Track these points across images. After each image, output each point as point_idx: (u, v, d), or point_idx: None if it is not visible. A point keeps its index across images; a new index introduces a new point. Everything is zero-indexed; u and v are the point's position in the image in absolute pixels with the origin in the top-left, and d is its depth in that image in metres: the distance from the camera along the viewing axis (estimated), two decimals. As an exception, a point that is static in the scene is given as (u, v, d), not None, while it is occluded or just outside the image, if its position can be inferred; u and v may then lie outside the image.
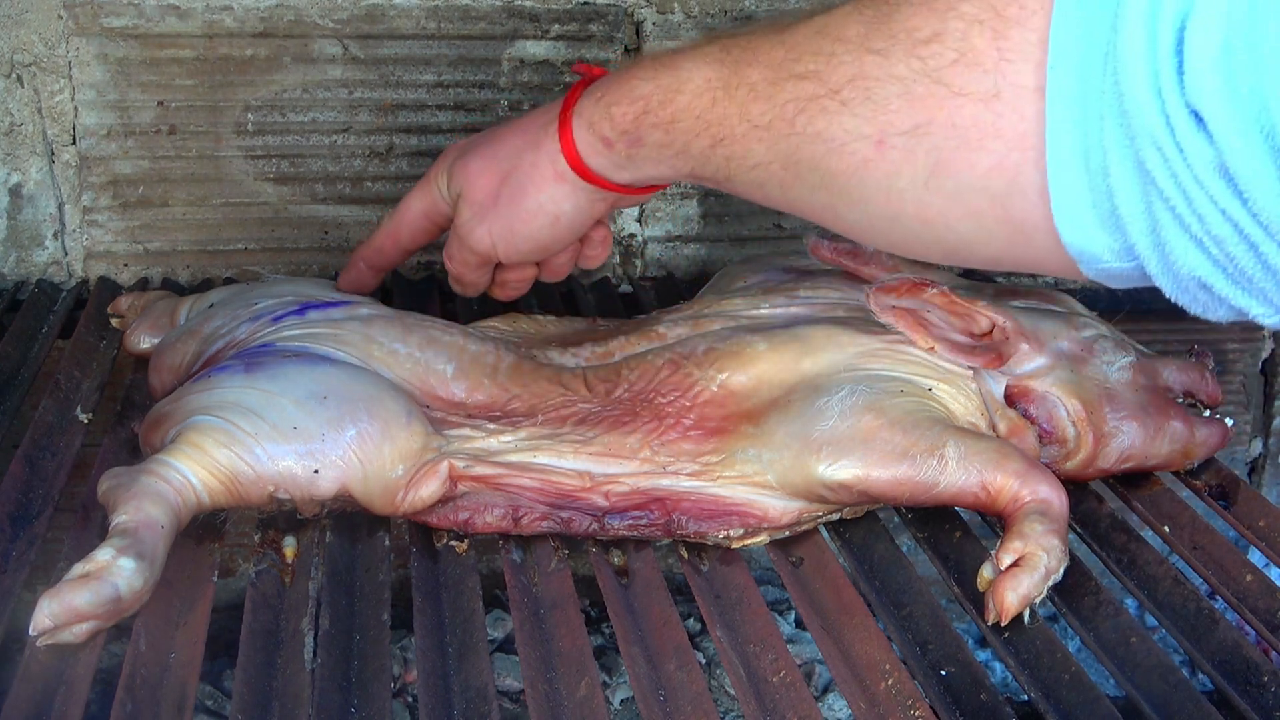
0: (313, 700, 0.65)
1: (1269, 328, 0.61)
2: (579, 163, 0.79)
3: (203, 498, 0.74)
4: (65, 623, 0.65)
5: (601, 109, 0.76)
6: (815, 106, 0.65)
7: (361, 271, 0.95)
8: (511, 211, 0.83)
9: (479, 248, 0.86)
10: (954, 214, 0.63)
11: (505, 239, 0.84)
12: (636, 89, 0.74)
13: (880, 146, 0.63)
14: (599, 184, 0.80)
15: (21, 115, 1.12)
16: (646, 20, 1.18)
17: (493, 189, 0.84)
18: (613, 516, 0.79)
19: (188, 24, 1.12)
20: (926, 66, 0.60)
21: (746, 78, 0.69)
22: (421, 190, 0.89)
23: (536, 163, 0.81)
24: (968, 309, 0.84)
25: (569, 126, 0.79)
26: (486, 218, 0.84)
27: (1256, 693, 0.69)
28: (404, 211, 0.91)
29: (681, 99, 0.72)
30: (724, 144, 0.70)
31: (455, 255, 0.88)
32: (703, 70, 0.71)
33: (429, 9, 1.15)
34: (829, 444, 0.78)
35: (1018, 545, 0.73)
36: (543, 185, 0.81)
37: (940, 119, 0.60)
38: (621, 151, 0.77)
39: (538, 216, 0.82)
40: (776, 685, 0.68)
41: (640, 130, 0.75)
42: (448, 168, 0.87)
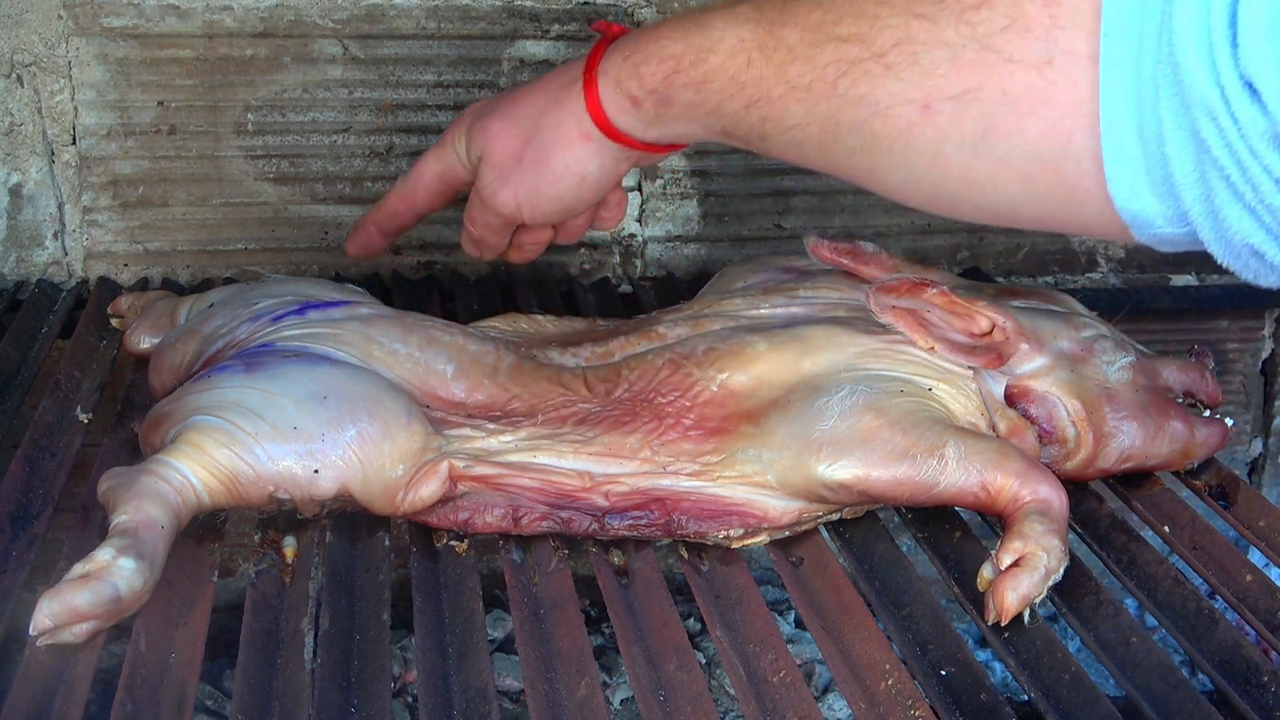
0: (313, 700, 0.65)
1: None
2: (605, 121, 0.78)
3: (203, 498, 0.74)
4: (65, 623, 0.65)
5: (629, 68, 0.76)
6: (858, 70, 0.64)
7: (372, 235, 0.94)
8: (537, 172, 0.82)
9: (504, 210, 0.85)
10: (1003, 178, 0.63)
11: (531, 200, 0.84)
12: (666, 48, 0.74)
13: (927, 111, 0.63)
14: (625, 142, 0.79)
15: (21, 115, 1.12)
16: (646, 20, 1.18)
17: (516, 150, 0.83)
18: (613, 516, 0.79)
19: (188, 24, 1.12)
20: (976, 32, 0.60)
21: (784, 39, 0.68)
22: (437, 153, 0.88)
23: (561, 122, 0.80)
24: (968, 309, 0.84)
25: (594, 85, 0.78)
26: (511, 179, 0.83)
27: (1256, 693, 0.69)
28: (419, 175, 0.90)
29: (714, 59, 0.71)
30: (759, 105, 0.70)
31: (478, 219, 0.87)
32: (736, 30, 0.70)
33: (429, 9, 1.15)
34: (829, 444, 0.78)
35: (1018, 545, 0.73)
36: (568, 145, 0.80)
37: (990, 85, 0.60)
38: (650, 110, 0.76)
39: (564, 177, 0.82)
40: (776, 685, 0.68)
41: (670, 90, 0.74)
42: (466, 130, 0.86)
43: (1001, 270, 1.31)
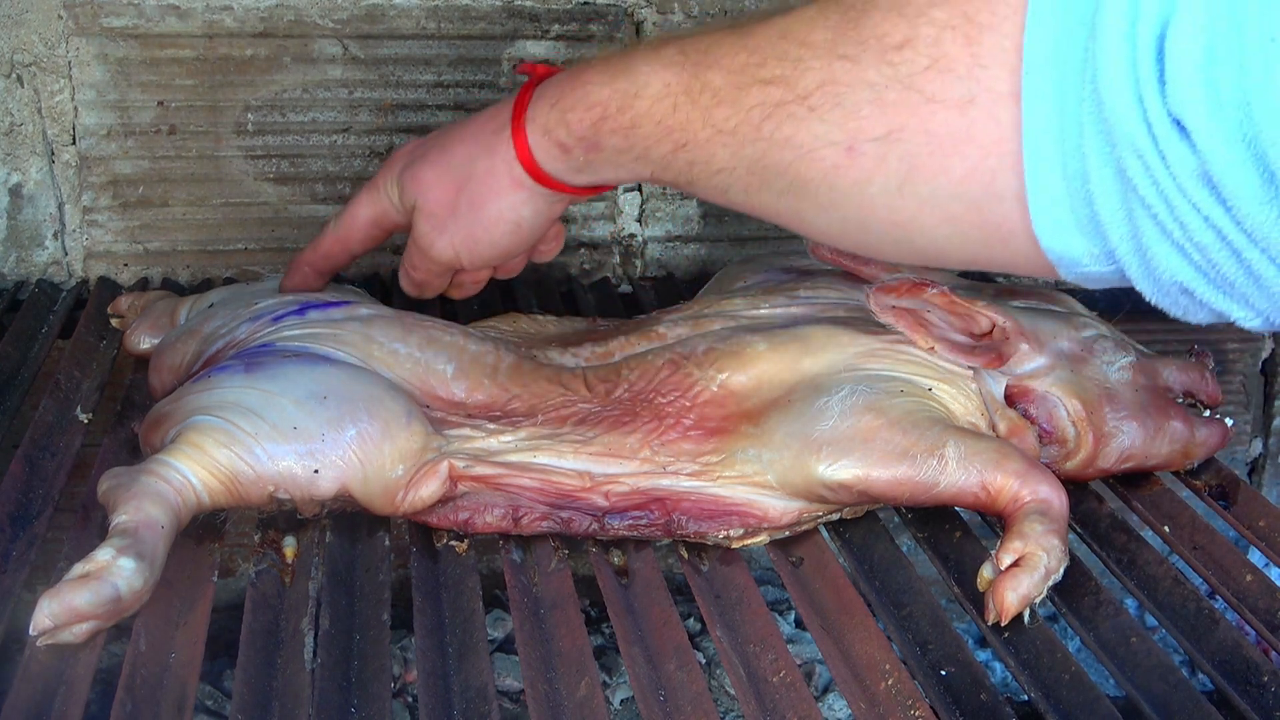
0: (313, 700, 0.65)
1: (1251, 330, 0.61)
2: (535, 168, 0.78)
3: (203, 498, 0.74)
4: (65, 623, 0.65)
5: (556, 115, 0.75)
6: (782, 112, 0.64)
7: (307, 275, 0.92)
8: (472, 220, 0.82)
9: (441, 259, 0.85)
10: (928, 219, 0.62)
11: (468, 248, 0.83)
12: (592, 94, 0.73)
13: (851, 153, 0.62)
14: (557, 187, 0.79)
15: (21, 115, 1.12)
16: (646, 20, 1.18)
17: (449, 200, 0.82)
18: (613, 516, 0.79)
19: (188, 24, 1.12)
20: (898, 73, 0.60)
21: (709, 82, 0.68)
22: (369, 197, 0.87)
23: (492, 169, 0.79)
24: (968, 309, 0.84)
25: (523, 132, 0.78)
26: (447, 229, 0.83)
27: (1256, 693, 0.69)
28: (352, 217, 0.88)
29: (640, 104, 0.71)
30: (686, 149, 0.69)
31: (418, 264, 0.87)
32: (661, 74, 0.70)
33: (429, 9, 1.15)
34: (829, 444, 0.78)
35: (1018, 545, 0.73)
36: (500, 193, 0.80)
37: (913, 125, 0.60)
38: (579, 157, 0.76)
39: (499, 224, 0.81)
40: (776, 685, 0.68)
41: (598, 136, 0.73)
42: (396, 177, 0.85)
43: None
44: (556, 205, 0.82)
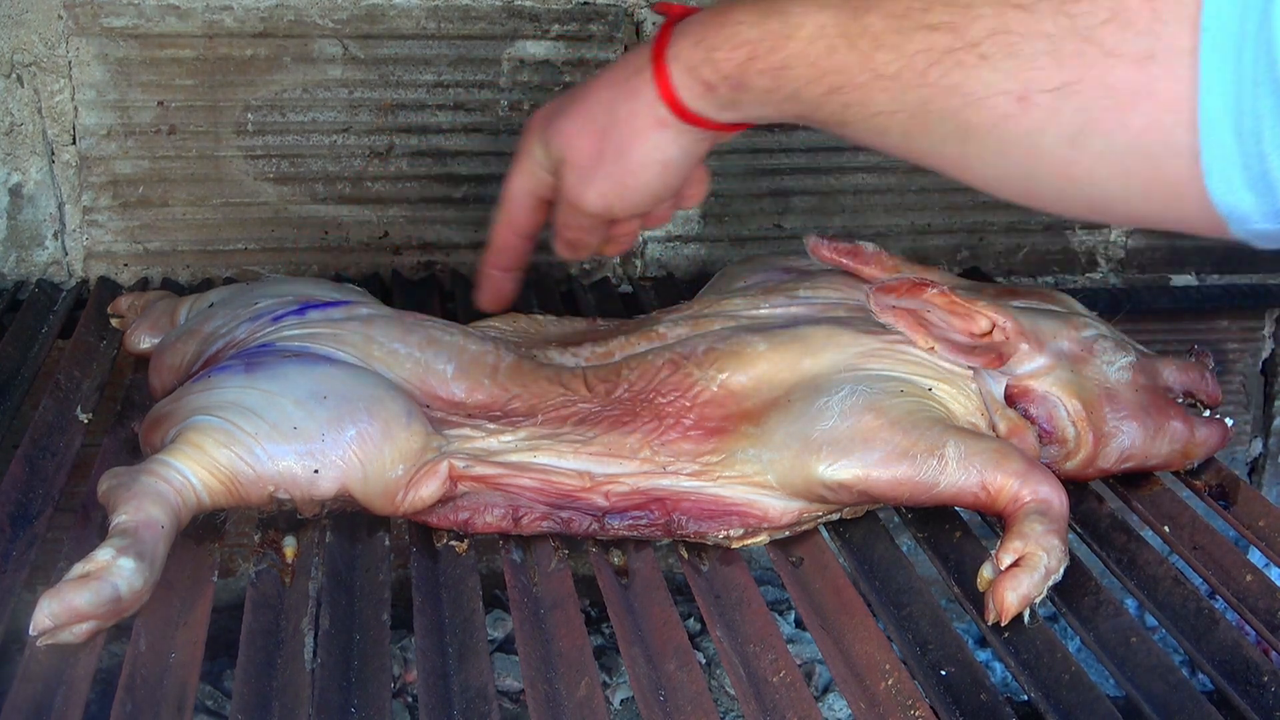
0: (313, 700, 0.65)
1: None
2: (680, 107, 0.77)
3: (203, 498, 0.74)
4: (65, 623, 0.65)
5: (702, 53, 0.74)
6: (950, 59, 0.64)
7: (496, 279, 0.92)
8: (619, 167, 0.81)
9: (592, 209, 0.83)
10: (1101, 172, 0.62)
11: (618, 195, 0.82)
12: (740, 33, 0.72)
13: (1024, 102, 0.62)
14: (702, 124, 0.78)
15: (21, 115, 1.12)
16: (646, 20, 1.18)
17: (594, 148, 0.81)
18: (613, 516, 0.79)
19: (188, 24, 1.12)
20: (1076, 25, 0.60)
21: (868, 26, 0.67)
22: (519, 168, 0.87)
23: (635, 112, 0.78)
24: (968, 309, 0.84)
25: (665, 71, 0.76)
26: (595, 179, 0.82)
27: (1256, 693, 0.69)
28: (510, 198, 0.88)
29: (793, 45, 0.70)
30: (841, 92, 0.69)
31: (569, 221, 0.85)
32: (815, 16, 0.69)
33: (429, 9, 1.15)
34: (829, 444, 0.78)
35: (1018, 545, 0.73)
36: (645, 134, 0.79)
37: (1090, 78, 0.60)
38: (725, 95, 0.75)
39: (647, 167, 0.80)
40: (776, 685, 0.68)
41: (745, 76, 0.73)
42: (539, 136, 0.84)
43: (1001, 270, 1.31)
44: (702, 143, 0.80)
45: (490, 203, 1.20)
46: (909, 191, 1.27)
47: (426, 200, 1.20)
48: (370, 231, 1.20)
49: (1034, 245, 1.31)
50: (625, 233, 0.88)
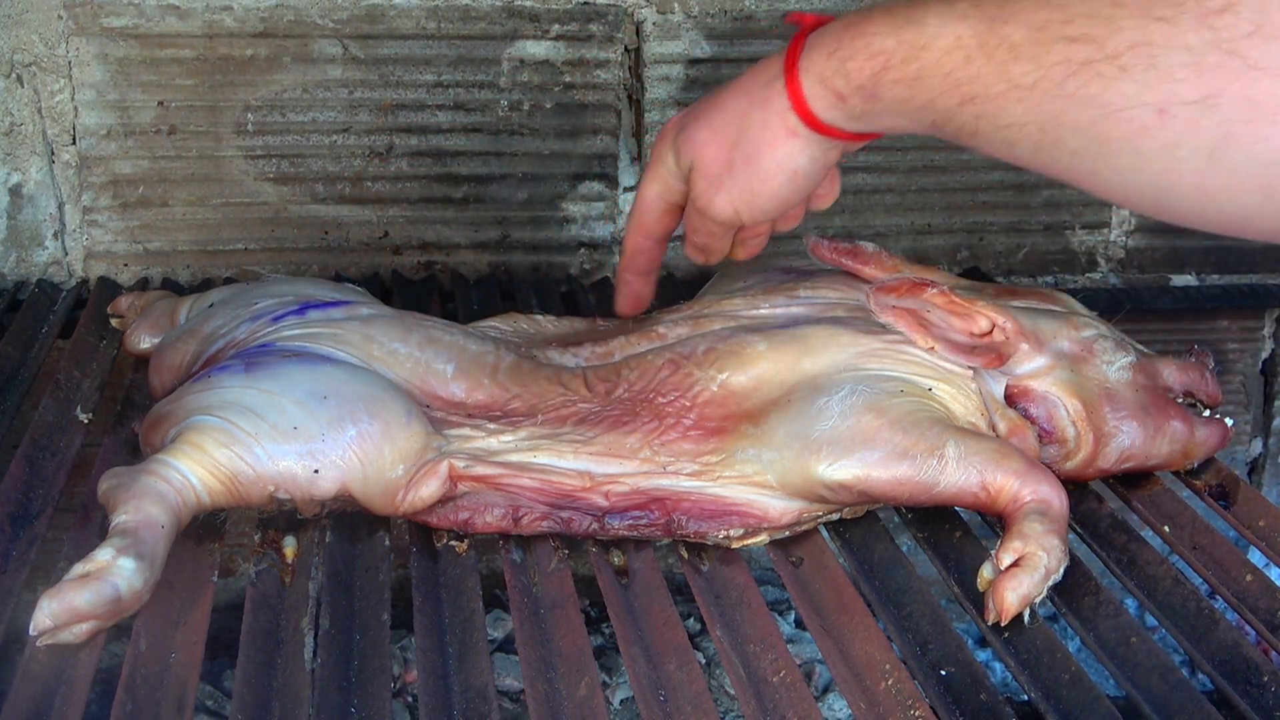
0: (313, 700, 0.65)
1: None
2: (811, 117, 0.77)
3: (203, 498, 0.74)
4: (65, 623, 0.65)
5: (834, 63, 0.74)
6: (1089, 71, 0.64)
7: (632, 284, 0.92)
8: (749, 175, 0.81)
9: (721, 216, 0.84)
10: (1240, 187, 0.62)
11: (747, 203, 0.82)
12: (874, 44, 0.72)
13: (1162, 115, 0.62)
14: (833, 134, 0.78)
15: (21, 115, 1.12)
16: (647, 20, 1.18)
17: (724, 156, 0.82)
18: (613, 516, 0.79)
19: (188, 24, 1.12)
20: (1219, 37, 0.59)
21: (1007, 37, 0.67)
22: (651, 175, 0.88)
23: (766, 122, 0.79)
24: (968, 309, 0.84)
25: (797, 81, 0.77)
26: (724, 186, 0.82)
27: (1256, 693, 0.69)
28: (642, 201, 0.89)
29: (928, 56, 0.70)
30: (975, 102, 0.69)
31: (699, 227, 0.86)
32: (952, 26, 0.69)
33: (429, 9, 1.15)
34: (829, 444, 0.78)
35: (1018, 545, 0.73)
36: (776, 144, 0.79)
37: (1233, 91, 0.60)
38: (856, 105, 0.75)
39: (776, 175, 0.80)
40: (776, 685, 0.68)
41: (878, 86, 0.73)
42: (671, 144, 0.85)
43: (1001, 270, 1.31)
44: (832, 152, 0.81)
45: (490, 203, 1.21)
46: (909, 191, 1.27)
47: (426, 200, 1.20)
48: (370, 231, 1.20)
49: (1034, 245, 1.31)
50: (756, 236, 0.89)
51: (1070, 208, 1.30)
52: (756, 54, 1.20)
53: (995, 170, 1.27)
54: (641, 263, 0.92)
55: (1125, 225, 1.32)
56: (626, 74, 1.20)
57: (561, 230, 1.23)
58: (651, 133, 1.21)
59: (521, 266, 1.23)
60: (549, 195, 1.22)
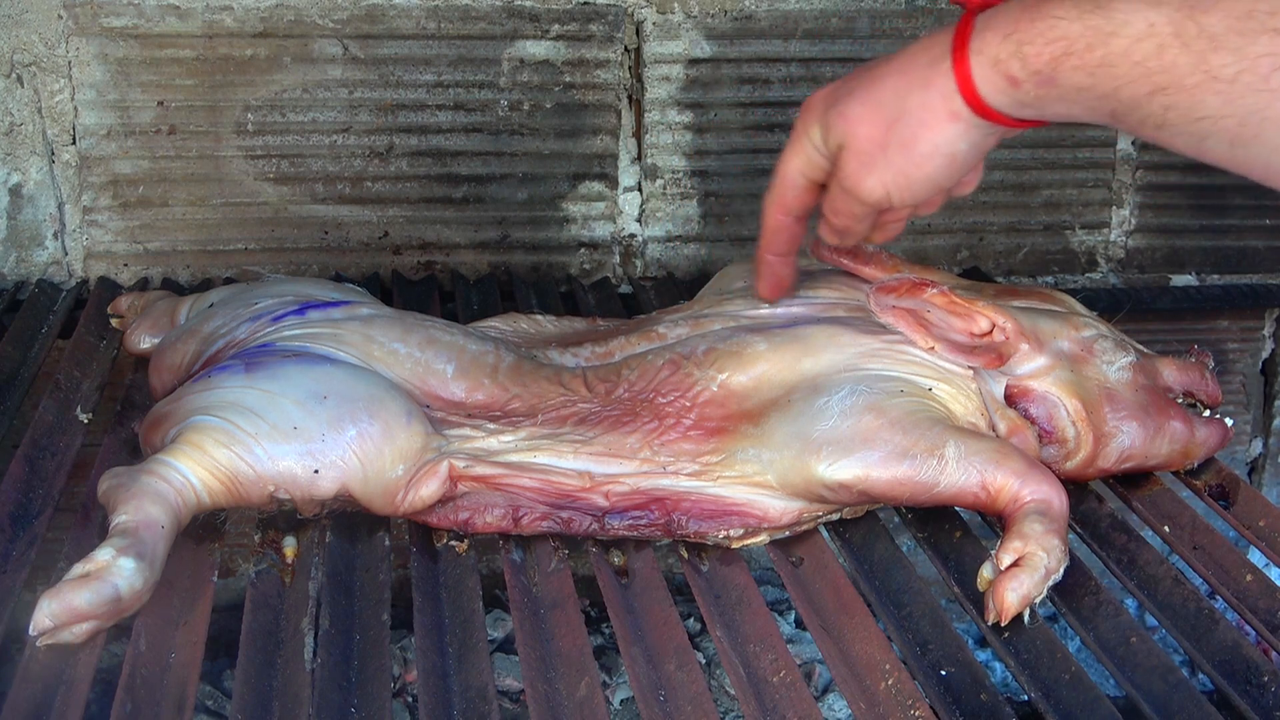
0: (313, 700, 0.65)
1: None
2: (978, 101, 0.75)
3: (203, 497, 0.74)
4: (65, 623, 0.65)
5: (1010, 46, 0.72)
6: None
7: (772, 264, 0.89)
8: (905, 157, 0.78)
9: (871, 198, 0.81)
10: None
11: (900, 185, 0.79)
12: (1056, 28, 0.70)
13: None
14: (997, 120, 0.76)
15: (21, 115, 1.12)
16: (647, 20, 1.18)
17: (879, 136, 0.79)
18: (613, 516, 0.79)
19: (188, 24, 1.12)
20: None
21: (1206, 26, 0.65)
22: (794, 149, 0.84)
23: (928, 103, 0.76)
24: (968, 309, 0.84)
25: (966, 64, 0.74)
26: (877, 166, 0.79)
27: (1256, 693, 0.69)
28: (783, 178, 0.85)
29: (1117, 43, 0.67)
30: (1166, 93, 0.67)
31: (841, 209, 0.83)
32: (1145, 13, 0.67)
33: (429, 9, 1.15)
34: (829, 444, 0.78)
35: (1018, 545, 0.73)
36: (936, 126, 0.77)
37: None
38: (1029, 91, 0.72)
39: (933, 158, 0.78)
40: (776, 685, 0.68)
41: (1058, 72, 0.70)
42: (819, 120, 0.82)
43: (1001, 270, 1.31)
44: (990, 138, 0.78)
45: (490, 203, 1.21)
46: (909, 191, 1.27)
47: (426, 200, 1.20)
48: (370, 231, 1.20)
49: (1034, 245, 1.31)
50: (895, 220, 0.86)
51: (1070, 208, 1.30)
52: (756, 54, 1.20)
53: (995, 170, 1.27)
54: (782, 242, 0.88)
55: (1125, 225, 1.32)
56: (626, 74, 1.20)
57: (561, 230, 1.23)
58: (652, 133, 1.21)
59: (521, 266, 1.23)
60: (549, 195, 1.22)
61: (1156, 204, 1.32)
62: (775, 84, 1.22)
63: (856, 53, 1.21)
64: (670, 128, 1.21)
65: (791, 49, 1.21)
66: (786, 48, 1.21)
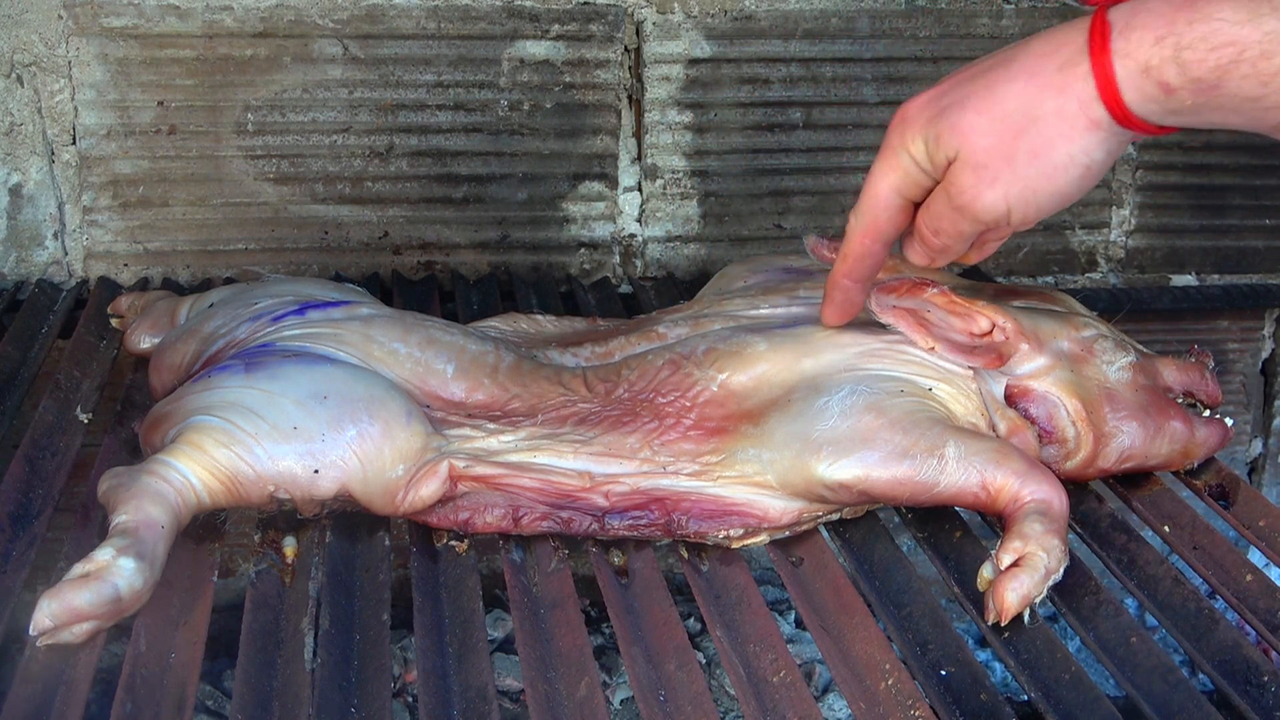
0: (313, 700, 0.65)
1: None
2: (1122, 108, 0.69)
3: (203, 497, 0.74)
4: (65, 623, 0.65)
5: (1167, 50, 0.66)
6: None
7: (849, 290, 0.82)
8: (1034, 169, 0.72)
9: (990, 215, 0.74)
10: None
11: (1026, 200, 0.73)
12: (1222, 32, 0.65)
13: None
14: (1141, 129, 0.71)
15: (21, 115, 1.12)
16: (647, 20, 1.18)
17: (1004, 147, 0.72)
18: (613, 516, 0.79)
19: (188, 24, 1.12)
20: None
21: None
22: (888, 166, 0.77)
23: (1063, 110, 0.70)
24: (968, 309, 0.84)
25: (1109, 68, 0.69)
26: (1000, 180, 0.73)
27: (1256, 693, 0.69)
28: (875, 198, 0.78)
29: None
30: None
31: (945, 227, 0.76)
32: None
33: (429, 9, 1.15)
34: (829, 444, 0.78)
35: (1018, 545, 0.73)
36: (1073, 135, 0.71)
37: None
38: (1185, 99, 0.67)
39: (1068, 170, 0.72)
40: (776, 685, 0.68)
41: (1225, 80, 0.65)
42: (923, 132, 0.75)
43: (1001, 270, 1.31)
44: (1125, 145, 0.73)
45: (490, 203, 1.21)
46: (909, 191, 1.27)
47: (426, 200, 1.20)
48: (370, 231, 1.20)
49: (1034, 245, 1.31)
50: (1000, 238, 0.81)
51: (1070, 208, 1.30)
52: (756, 54, 1.20)
53: (995, 170, 1.27)
54: (865, 269, 0.81)
55: (1125, 225, 1.32)
56: (626, 74, 1.20)
57: (561, 230, 1.23)
58: (652, 133, 1.21)
59: (521, 266, 1.23)
60: (549, 195, 1.22)
61: (1156, 204, 1.32)
62: (775, 84, 1.22)
63: (856, 53, 1.21)
64: (670, 128, 1.21)
65: (791, 49, 1.21)
66: (786, 48, 1.21)
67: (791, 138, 1.23)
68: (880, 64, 1.22)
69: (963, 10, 1.22)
